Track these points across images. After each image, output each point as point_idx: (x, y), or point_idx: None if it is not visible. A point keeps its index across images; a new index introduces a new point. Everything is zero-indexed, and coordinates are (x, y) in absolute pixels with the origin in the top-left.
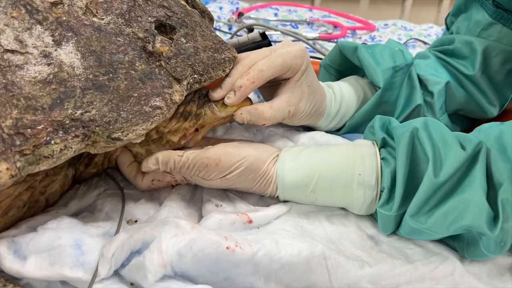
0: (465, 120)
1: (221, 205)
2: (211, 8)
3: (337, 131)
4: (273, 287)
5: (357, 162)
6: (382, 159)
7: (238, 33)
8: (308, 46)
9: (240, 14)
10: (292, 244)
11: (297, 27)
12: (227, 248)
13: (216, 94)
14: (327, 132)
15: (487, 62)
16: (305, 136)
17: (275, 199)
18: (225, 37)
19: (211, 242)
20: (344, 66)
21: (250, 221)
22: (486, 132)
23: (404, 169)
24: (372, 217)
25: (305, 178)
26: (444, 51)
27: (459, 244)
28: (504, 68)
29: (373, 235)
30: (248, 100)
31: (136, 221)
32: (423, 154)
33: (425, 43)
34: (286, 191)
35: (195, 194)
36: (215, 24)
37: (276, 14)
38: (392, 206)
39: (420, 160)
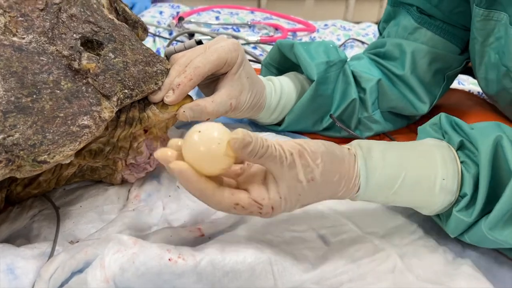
0: (398, 118)
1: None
2: (151, 13)
3: (277, 125)
4: None
5: (440, 165)
6: (461, 162)
7: (178, 38)
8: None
9: (181, 19)
10: (237, 251)
11: (239, 30)
12: (169, 260)
13: (156, 96)
14: (267, 125)
15: (415, 62)
16: None
17: None
18: (165, 43)
19: (153, 255)
20: (284, 64)
21: (202, 235)
22: None
23: (487, 177)
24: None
25: (390, 179)
26: (377, 54)
27: None
28: (431, 68)
29: (323, 235)
30: (189, 98)
31: (78, 241)
32: (505, 163)
33: (363, 42)
34: (369, 191)
35: (152, 211)
36: (155, 30)
37: (217, 18)
38: (472, 212)
39: (502, 169)
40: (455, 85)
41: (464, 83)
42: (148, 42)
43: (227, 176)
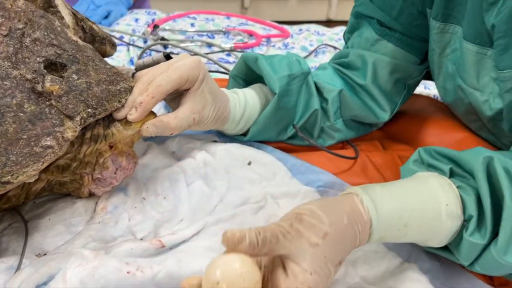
0: (360, 126)
1: (141, 239)
2: (127, 20)
3: (243, 136)
4: None
5: (440, 192)
6: (457, 187)
7: (153, 47)
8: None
9: (156, 27)
10: (194, 261)
11: (213, 37)
12: (127, 272)
13: (119, 114)
14: (233, 135)
15: (376, 73)
16: (221, 148)
17: None
18: (139, 52)
19: (112, 268)
20: (250, 76)
21: (163, 246)
22: None
23: (488, 193)
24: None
25: (398, 210)
26: (341, 64)
27: None
28: (392, 78)
29: None
30: (152, 114)
31: (45, 254)
32: (498, 183)
33: (335, 48)
34: (381, 225)
35: (117, 223)
36: (129, 39)
37: (193, 25)
38: (485, 234)
39: (497, 189)
40: (421, 90)
41: (430, 87)
42: (122, 51)
43: None
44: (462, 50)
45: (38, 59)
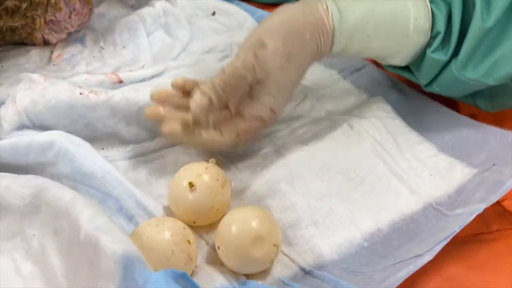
0: None
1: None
2: None
3: None
4: (135, 130)
5: (411, 5)
6: (430, 2)
7: None
8: None
9: None
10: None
11: None
12: (80, 94)
13: None
14: None
15: None
16: None
17: None
18: None
19: (63, 89)
20: None
21: (120, 81)
22: None
23: (460, 11)
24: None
25: (363, 20)
26: None
27: (481, 99)
28: None
29: None
30: None
31: None
32: None
33: None
34: (344, 35)
35: (74, 68)
36: None
37: None
38: (447, 51)
39: (469, 3)
40: None
41: None
42: None
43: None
44: None
45: None
